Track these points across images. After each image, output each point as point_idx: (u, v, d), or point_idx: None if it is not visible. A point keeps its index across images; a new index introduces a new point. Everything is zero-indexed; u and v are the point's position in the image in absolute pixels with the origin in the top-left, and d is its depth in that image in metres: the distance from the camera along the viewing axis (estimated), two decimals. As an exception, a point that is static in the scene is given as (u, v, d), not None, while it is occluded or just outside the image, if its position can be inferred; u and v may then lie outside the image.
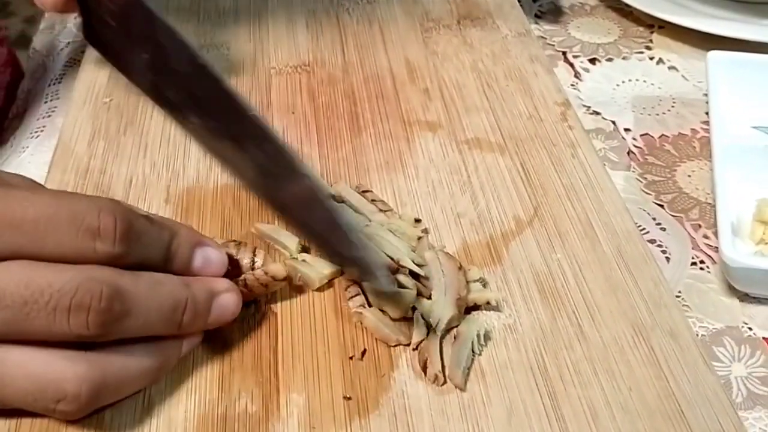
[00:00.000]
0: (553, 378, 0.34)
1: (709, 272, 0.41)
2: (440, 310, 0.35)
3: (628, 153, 0.49)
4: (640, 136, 0.50)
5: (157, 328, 0.31)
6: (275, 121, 0.48)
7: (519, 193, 0.43)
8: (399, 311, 0.35)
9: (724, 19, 0.58)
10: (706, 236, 0.43)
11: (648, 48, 0.58)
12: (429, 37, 0.56)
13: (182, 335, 0.32)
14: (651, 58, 0.57)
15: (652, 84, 0.55)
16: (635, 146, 0.49)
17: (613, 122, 0.51)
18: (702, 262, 0.41)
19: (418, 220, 0.40)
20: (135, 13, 0.36)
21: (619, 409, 0.33)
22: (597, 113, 0.52)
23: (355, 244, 0.34)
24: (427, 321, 0.35)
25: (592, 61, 0.57)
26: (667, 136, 0.50)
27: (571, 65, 0.57)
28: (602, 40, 0.59)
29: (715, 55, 0.50)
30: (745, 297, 0.39)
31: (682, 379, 0.34)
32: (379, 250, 0.37)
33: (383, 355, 0.35)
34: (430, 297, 0.36)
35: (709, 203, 0.45)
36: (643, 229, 0.43)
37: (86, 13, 0.38)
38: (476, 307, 0.36)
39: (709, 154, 0.47)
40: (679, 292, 0.40)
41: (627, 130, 0.51)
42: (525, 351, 0.35)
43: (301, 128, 0.47)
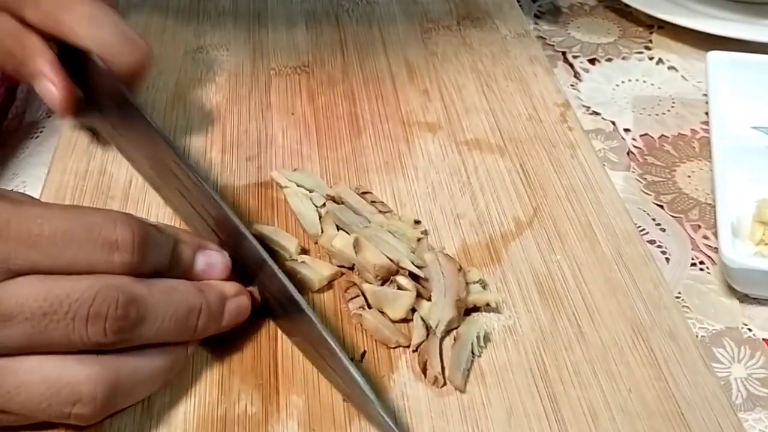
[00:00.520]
0: (552, 379, 0.34)
1: (708, 273, 0.41)
2: (440, 311, 0.35)
3: (627, 153, 0.49)
4: (640, 136, 0.50)
5: (172, 335, 0.31)
6: (275, 122, 0.48)
7: (518, 194, 0.43)
8: (399, 313, 0.35)
9: (723, 20, 0.57)
10: (705, 237, 0.43)
11: (648, 48, 0.58)
12: (428, 37, 0.56)
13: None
14: (651, 59, 0.57)
15: (652, 84, 0.55)
16: (635, 146, 0.49)
17: (613, 122, 0.51)
18: (702, 262, 0.41)
19: (417, 222, 0.40)
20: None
21: (618, 411, 0.33)
22: (597, 113, 0.52)
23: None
24: (426, 323, 0.35)
25: (591, 61, 0.57)
26: (667, 137, 0.50)
27: (571, 65, 0.57)
28: (602, 41, 0.59)
29: (715, 56, 0.50)
30: (745, 298, 0.39)
31: (681, 380, 0.34)
32: (379, 251, 0.37)
33: (383, 356, 0.35)
34: (429, 299, 0.36)
35: (709, 204, 0.45)
36: (643, 229, 0.43)
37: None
38: (476, 308, 0.36)
39: (708, 155, 0.47)
40: (678, 293, 0.40)
41: (627, 130, 0.51)
42: (525, 352, 0.35)
43: (300, 129, 0.47)
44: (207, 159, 0.45)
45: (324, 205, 0.41)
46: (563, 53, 0.58)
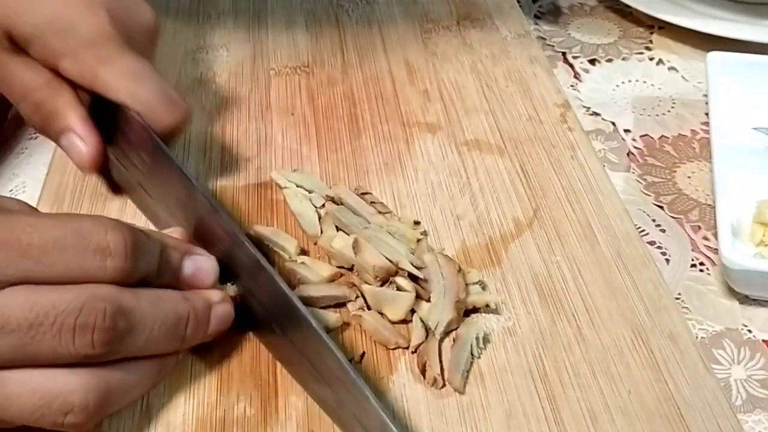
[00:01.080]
0: (552, 381, 0.34)
1: (708, 274, 0.41)
2: (439, 312, 0.35)
3: (627, 154, 0.49)
4: (640, 137, 0.50)
5: (162, 345, 0.31)
6: (274, 123, 0.48)
7: (518, 195, 0.43)
8: (398, 314, 0.35)
9: (724, 20, 0.57)
10: (705, 238, 0.43)
11: (648, 49, 0.58)
12: (428, 38, 0.56)
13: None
14: (651, 59, 0.57)
15: (652, 85, 0.55)
16: (635, 147, 0.49)
17: (613, 123, 0.51)
18: (702, 263, 0.41)
19: (417, 222, 0.40)
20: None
21: (618, 412, 0.33)
22: (597, 114, 0.52)
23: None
24: (426, 324, 0.35)
25: (591, 61, 0.57)
26: (667, 137, 0.50)
27: (571, 66, 0.57)
28: (602, 41, 0.59)
29: (715, 56, 0.50)
30: (744, 299, 0.39)
31: (681, 381, 0.34)
32: (378, 252, 0.37)
33: (382, 358, 0.35)
34: (429, 300, 0.36)
35: (709, 205, 0.45)
36: (643, 230, 0.43)
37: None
38: (475, 309, 0.36)
39: (709, 156, 0.46)
40: (678, 294, 0.40)
41: (627, 131, 0.51)
42: (524, 354, 0.35)
43: (300, 130, 0.47)
44: (206, 159, 0.45)
45: (323, 205, 0.41)
46: (563, 54, 0.58)
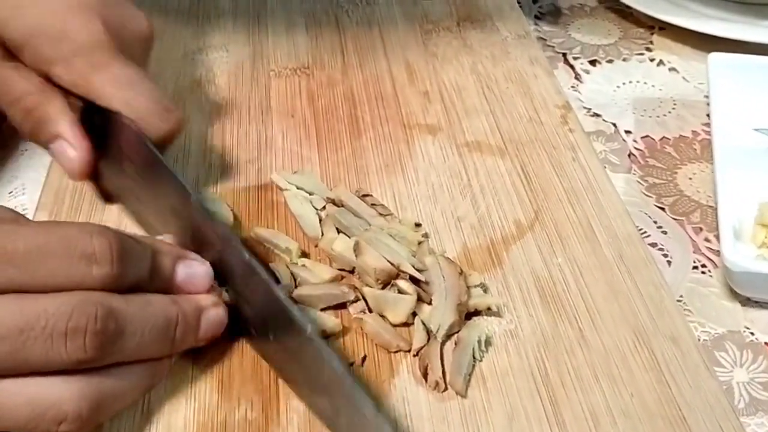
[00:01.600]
0: (554, 383, 0.34)
1: (710, 276, 0.41)
2: (441, 315, 0.35)
3: (628, 155, 0.49)
4: (641, 138, 0.50)
5: (153, 348, 0.31)
6: (275, 124, 0.48)
7: (519, 197, 0.43)
8: (399, 317, 0.35)
9: (725, 21, 0.57)
10: (707, 239, 0.43)
11: (648, 49, 0.58)
12: (428, 39, 0.56)
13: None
14: (651, 60, 0.57)
15: (653, 86, 0.55)
16: (636, 148, 0.49)
17: (614, 124, 0.51)
18: (703, 265, 0.41)
19: (418, 225, 0.40)
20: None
21: (620, 415, 0.33)
22: (597, 115, 0.52)
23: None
24: (427, 327, 0.35)
25: (592, 62, 0.57)
26: (668, 139, 0.50)
27: (572, 67, 0.57)
28: (602, 42, 0.59)
29: (717, 57, 0.50)
30: (747, 301, 0.39)
31: (683, 384, 0.34)
32: (379, 254, 0.37)
33: (383, 361, 0.35)
34: (430, 302, 0.36)
35: (711, 206, 0.44)
36: (644, 232, 0.43)
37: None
38: (477, 312, 0.36)
39: (710, 157, 0.46)
40: (680, 296, 0.39)
41: (628, 132, 0.50)
42: (526, 356, 0.35)
43: (300, 131, 0.47)
44: (206, 162, 0.45)
45: (324, 207, 0.41)
46: (564, 55, 0.58)
